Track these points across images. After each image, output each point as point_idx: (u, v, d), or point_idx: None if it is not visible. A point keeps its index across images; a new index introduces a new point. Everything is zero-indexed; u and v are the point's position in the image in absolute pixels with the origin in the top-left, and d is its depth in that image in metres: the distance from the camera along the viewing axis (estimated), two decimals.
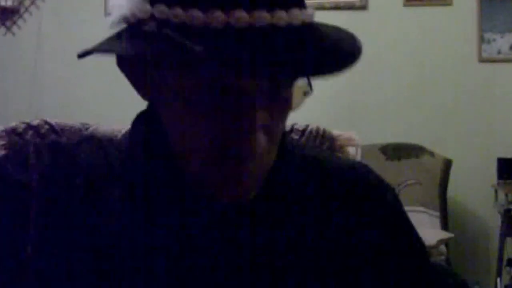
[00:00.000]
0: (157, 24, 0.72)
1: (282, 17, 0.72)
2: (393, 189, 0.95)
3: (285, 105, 0.78)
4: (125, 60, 0.80)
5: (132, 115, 0.88)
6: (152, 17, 0.73)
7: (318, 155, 0.94)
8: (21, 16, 4.40)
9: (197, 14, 0.70)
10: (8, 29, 4.39)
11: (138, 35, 0.74)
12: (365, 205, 0.90)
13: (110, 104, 4.25)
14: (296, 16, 0.73)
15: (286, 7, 0.72)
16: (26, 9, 4.40)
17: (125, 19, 0.76)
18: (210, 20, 0.70)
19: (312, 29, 0.76)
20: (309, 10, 0.76)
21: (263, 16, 0.70)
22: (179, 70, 0.74)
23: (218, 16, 0.70)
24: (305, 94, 0.80)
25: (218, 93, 0.73)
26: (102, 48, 0.77)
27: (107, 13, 4.29)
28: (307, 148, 1.03)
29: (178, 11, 0.71)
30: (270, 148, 0.78)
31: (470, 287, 3.95)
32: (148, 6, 0.73)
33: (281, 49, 0.72)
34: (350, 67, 0.73)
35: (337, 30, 0.79)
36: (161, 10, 0.72)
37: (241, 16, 0.70)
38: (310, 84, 0.80)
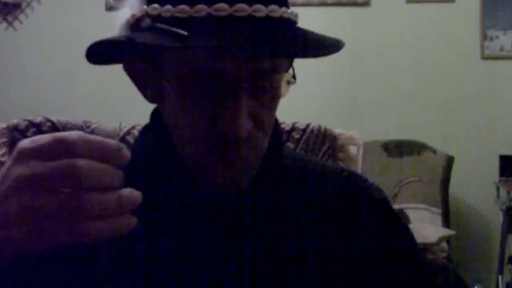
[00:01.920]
0: (151, 20, 0.81)
1: (260, 9, 0.79)
2: (381, 189, 1.00)
3: (272, 93, 0.83)
4: (130, 64, 0.87)
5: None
6: (148, 15, 0.81)
7: (309, 156, 1.00)
8: (23, 11, 4.40)
9: (184, 8, 0.78)
10: (10, 24, 4.39)
11: (137, 31, 0.82)
12: (356, 202, 0.95)
13: (112, 100, 4.25)
14: (274, 9, 0.80)
15: (266, 3, 0.80)
16: (28, 4, 4.40)
17: (128, 23, 0.84)
18: (195, 11, 0.78)
19: (290, 23, 0.82)
20: (290, 10, 0.82)
21: (243, 8, 0.78)
22: (174, 63, 0.81)
23: (202, 8, 0.78)
24: (289, 83, 0.85)
25: (207, 80, 0.79)
26: (108, 41, 0.83)
27: (108, 8, 4.29)
28: (297, 152, 1.10)
29: (168, 7, 0.79)
30: (259, 135, 0.83)
31: (469, 284, 3.95)
32: (144, 6, 0.82)
33: (258, 34, 0.78)
34: (328, 52, 0.80)
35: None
36: (154, 7, 0.80)
37: (222, 7, 0.78)
38: (294, 74, 0.86)
